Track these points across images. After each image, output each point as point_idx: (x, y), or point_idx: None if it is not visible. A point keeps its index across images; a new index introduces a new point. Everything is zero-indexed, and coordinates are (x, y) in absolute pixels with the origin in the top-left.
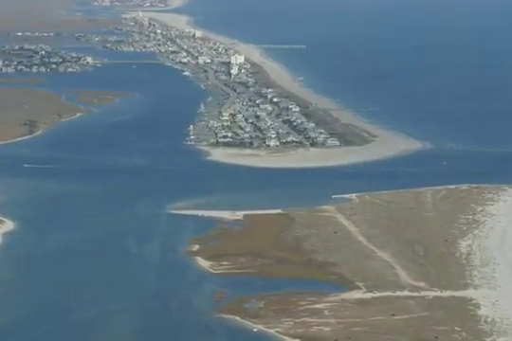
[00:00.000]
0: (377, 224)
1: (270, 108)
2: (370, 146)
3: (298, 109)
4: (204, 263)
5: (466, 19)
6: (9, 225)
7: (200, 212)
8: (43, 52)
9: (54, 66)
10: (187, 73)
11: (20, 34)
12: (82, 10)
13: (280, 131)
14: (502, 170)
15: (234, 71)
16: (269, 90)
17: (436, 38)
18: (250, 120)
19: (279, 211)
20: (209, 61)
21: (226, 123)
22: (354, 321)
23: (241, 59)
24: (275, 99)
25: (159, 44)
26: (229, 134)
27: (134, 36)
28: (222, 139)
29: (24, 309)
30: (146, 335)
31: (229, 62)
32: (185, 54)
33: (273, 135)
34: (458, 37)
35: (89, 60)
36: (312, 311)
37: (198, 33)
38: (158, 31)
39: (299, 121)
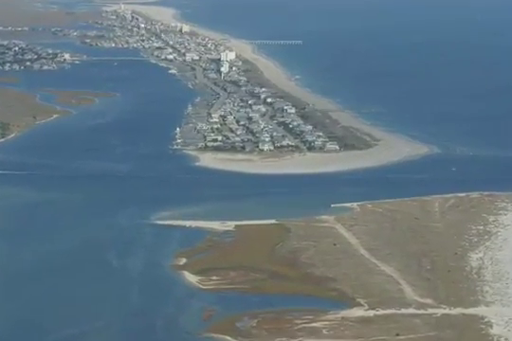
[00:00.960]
0: (380, 235)
1: (264, 109)
2: (372, 150)
3: (294, 110)
4: (191, 278)
5: (470, 13)
6: None
7: (187, 223)
8: (16, 48)
9: (28, 64)
10: (173, 71)
11: None
12: (59, 3)
13: (274, 134)
14: None
15: (225, 69)
16: (263, 89)
17: (441, 33)
18: (242, 122)
19: (273, 221)
20: (197, 58)
21: (215, 126)
22: None
23: (232, 55)
24: (269, 100)
25: (143, 40)
26: (219, 138)
27: (115, 31)
28: (211, 143)
29: None
30: None
31: (219, 60)
32: (171, 50)
33: (267, 139)
34: (464, 32)
35: (67, 56)
36: (309, 330)
37: (185, 28)
38: (142, 26)
39: (295, 123)
